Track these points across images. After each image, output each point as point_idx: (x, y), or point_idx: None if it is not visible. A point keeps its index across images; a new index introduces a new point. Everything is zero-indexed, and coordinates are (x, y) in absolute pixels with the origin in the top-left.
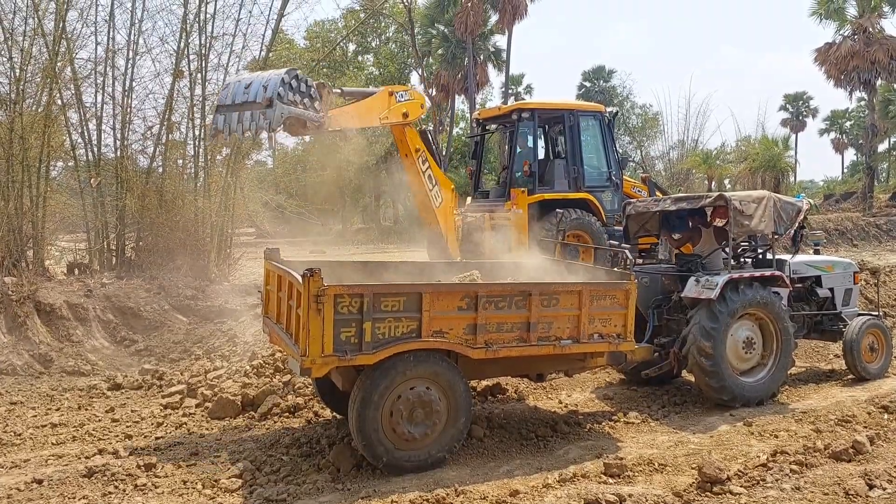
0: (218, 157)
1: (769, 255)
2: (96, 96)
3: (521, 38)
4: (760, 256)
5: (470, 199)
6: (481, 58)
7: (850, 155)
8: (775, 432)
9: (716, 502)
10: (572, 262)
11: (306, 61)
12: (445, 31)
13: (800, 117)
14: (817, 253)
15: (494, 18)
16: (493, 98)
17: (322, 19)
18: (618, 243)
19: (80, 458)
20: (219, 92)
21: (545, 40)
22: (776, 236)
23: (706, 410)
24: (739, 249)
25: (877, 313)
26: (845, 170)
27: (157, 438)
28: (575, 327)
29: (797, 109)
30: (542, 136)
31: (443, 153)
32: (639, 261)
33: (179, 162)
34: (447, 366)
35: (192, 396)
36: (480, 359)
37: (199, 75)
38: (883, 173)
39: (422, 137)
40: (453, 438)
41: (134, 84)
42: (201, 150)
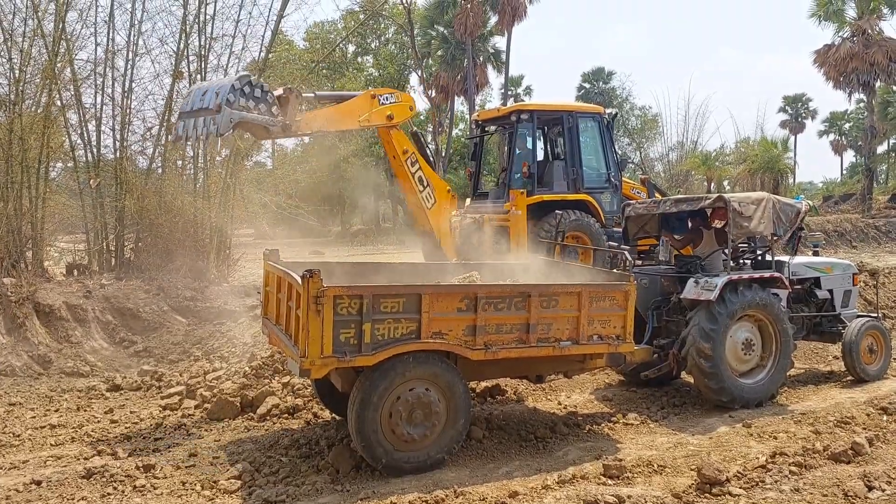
0: (217, 159)
1: (768, 257)
2: (96, 97)
3: (521, 39)
4: (759, 258)
5: (469, 201)
6: (481, 59)
7: (850, 156)
8: (774, 434)
9: None
10: (571, 263)
11: (306, 62)
12: (445, 32)
13: (799, 119)
14: (816, 254)
15: (494, 20)
16: (492, 99)
17: (321, 20)
18: (617, 245)
19: (78, 460)
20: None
21: (544, 42)
22: (775, 238)
23: (705, 412)
24: (739, 251)
25: (876, 315)
26: (844, 171)
27: (156, 440)
28: (574, 329)
29: (796, 111)
30: (542, 138)
31: (442, 154)
32: (638, 262)
33: (179, 163)
34: (446, 367)
35: (191, 397)
36: (480, 360)
37: (198, 76)
38: (882, 175)
39: (413, 139)
40: (452, 440)
41: (133, 85)
42: (200, 151)
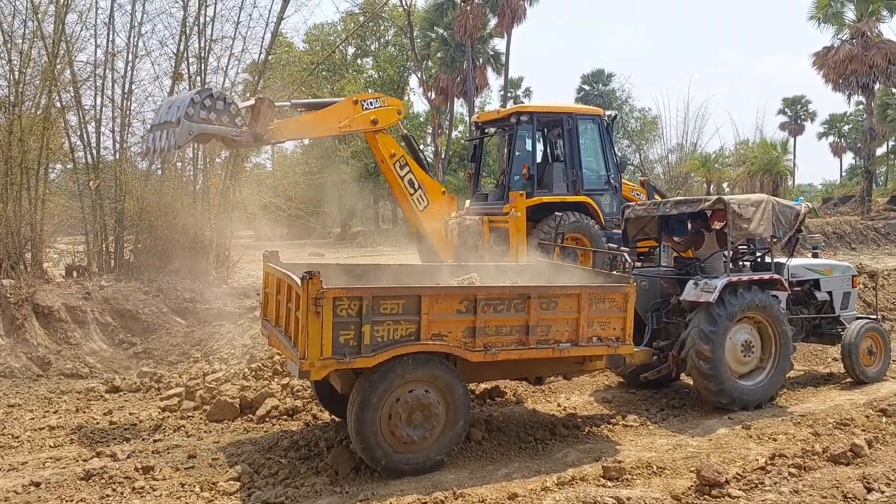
0: (217, 160)
1: (767, 259)
2: (95, 99)
3: (520, 41)
4: (759, 260)
5: (469, 202)
6: (480, 61)
7: (849, 159)
8: (774, 435)
9: None
10: (571, 265)
11: (306, 64)
12: (444, 34)
13: (798, 121)
14: (816, 256)
15: (493, 22)
16: (491, 101)
17: (321, 22)
18: (616, 246)
19: (77, 461)
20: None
21: (544, 44)
22: (775, 240)
23: (705, 414)
24: (738, 253)
25: (875, 317)
26: (843, 173)
27: (155, 441)
28: (574, 330)
29: (795, 113)
30: (541, 140)
31: (441, 156)
32: (637, 264)
33: (178, 165)
34: (446, 369)
35: (190, 399)
36: (479, 362)
37: (198, 78)
38: (881, 177)
39: (405, 142)
40: (452, 441)
41: (133, 87)
42: (200, 152)
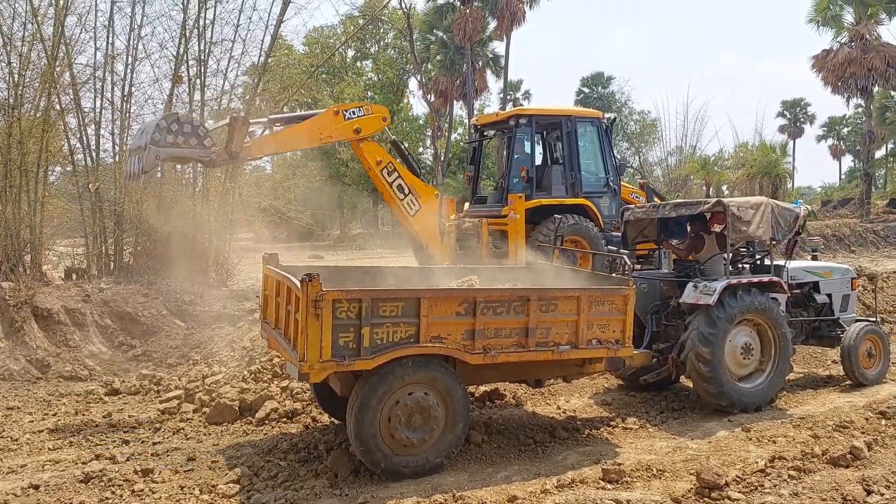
0: None
1: (767, 261)
2: (95, 101)
3: (520, 44)
4: (758, 262)
5: (468, 205)
6: (480, 64)
7: (848, 161)
8: (773, 438)
9: None
10: (570, 267)
11: (305, 67)
12: (444, 37)
13: (797, 124)
14: (815, 259)
15: (493, 25)
16: (491, 104)
17: (321, 25)
18: (616, 249)
19: (76, 464)
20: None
21: (544, 46)
22: (774, 242)
23: (704, 416)
24: (738, 255)
25: (874, 319)
26: (843, 176)
27: (154, 444)
28: (573, 333)
29: (795, 116)
30: (540, 142)
31: (441, 159)
32: (637, 266)
33: (178, 167)
34: (445, 371)
35: (189, 402)
36: (479, 364)
37: (198, 81)
38: (880, 179)
39: (393, 147)
40: (451, 444)
41: (133, 89)
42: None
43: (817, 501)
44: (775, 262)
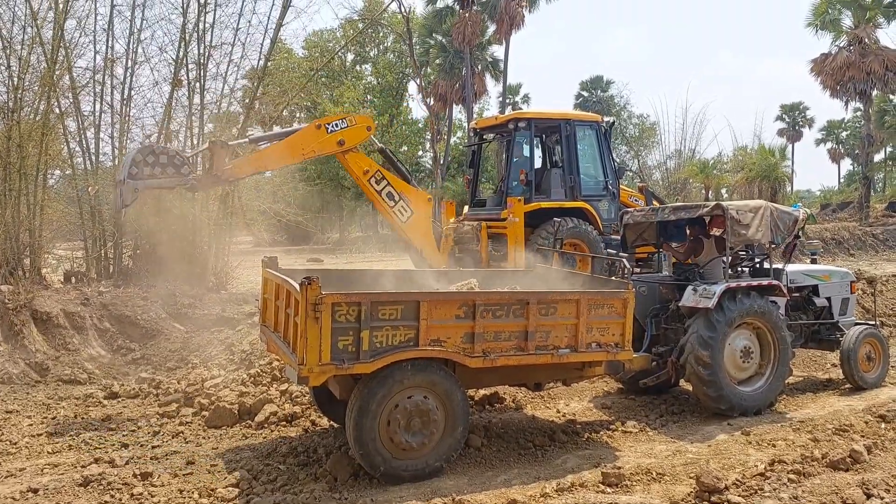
0: None
1: (766, 265)
2: (94, 105)
3: (519, 48)
4: (757, 265)
5: (467, 208)
6: (479, 68)
7: (847, 165)
8: (773, 441)
9: None
10: (570, 270)
11: (305, 70)
12: (443, 41)
13: (796, 127)
14: (814, 262)
15: (492, 29)
16: (490, 108)
17: (321, 29)
18: (615, 252)
19: (75, 467)
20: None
21: (543, 50)
22: (773, 245)
23: (704, 419)
24: (737, 259)
25: (874, 323)
26: (842, 180)
27: (153, 447)
28: (573, 336)
29: (793, 119)
30: (539, 146)
31: (440, 162)
32: (636, 270)
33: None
34: (445, 375)
35: (188, 405)
36: (478, 368)
37: (197, 84)
38: (879, 183)
39: (382, 155)
40: (451, 447)
41: (132, 93)
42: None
43: None
44: (774, 266)
